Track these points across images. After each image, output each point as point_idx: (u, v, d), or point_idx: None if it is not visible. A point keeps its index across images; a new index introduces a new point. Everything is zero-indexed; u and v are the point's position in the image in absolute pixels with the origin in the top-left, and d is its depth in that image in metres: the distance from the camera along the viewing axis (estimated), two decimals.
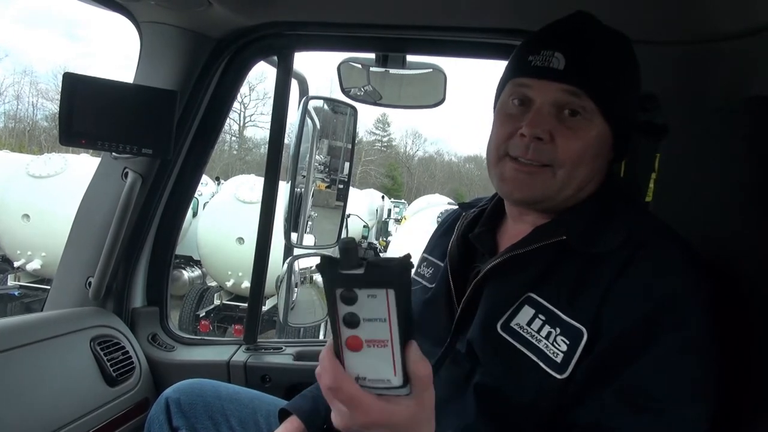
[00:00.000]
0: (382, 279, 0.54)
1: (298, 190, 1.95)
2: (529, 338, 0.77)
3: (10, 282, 6.65)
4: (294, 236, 1.80)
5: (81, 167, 6.44)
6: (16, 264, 6.53)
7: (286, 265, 1.79)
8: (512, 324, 0.79)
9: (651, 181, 1.21)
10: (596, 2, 1.14)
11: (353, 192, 13.49)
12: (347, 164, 2.16)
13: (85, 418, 1.19)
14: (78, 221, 1.47)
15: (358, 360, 0.58)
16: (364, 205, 14.17)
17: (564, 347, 0.74)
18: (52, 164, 6.52)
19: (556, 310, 0.76)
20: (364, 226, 13.24)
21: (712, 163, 0.90)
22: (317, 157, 2.17)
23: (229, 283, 6.61)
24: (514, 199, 0.86)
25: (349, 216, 8.87)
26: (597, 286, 0.74)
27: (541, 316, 0.77)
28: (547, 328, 0.76)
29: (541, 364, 0.75)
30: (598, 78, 0.80)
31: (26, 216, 6.28)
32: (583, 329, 0.73)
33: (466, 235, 0.97)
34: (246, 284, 6.34)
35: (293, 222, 1.78)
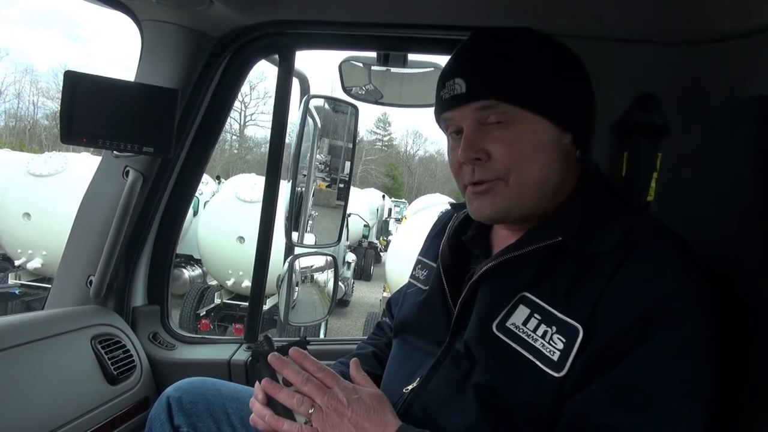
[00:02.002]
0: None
1: (299, 189, 1.95)
2: (525, 337, 0.77)
3: (11, 281, 6.66)
4: (295, 235, 1.80)
5: (82, 166, 6.44)
6: (16, 263, 6.54)
7: (286, 264, 1.79)
8: (508, 324, 0.80)
9: (652, 180, 1.22)
10: (597, 2, 1.14)
11: (354, 191, 13.51)
12: (348, 163, 2.16)
13: (86, 417, 1.19)
14: (79, 220, 1.47)
15: None
16: (364, 204, 14.17)
17: (560, 345, 0.74)
18: (53, 163, 6.53)
19: (551, 309, 0.77)
20: (365, 226, 13.25)
21: (713, 162, 0.90)
22: (318, 156, 2.17)
23: (229, 282, 6.62)
24: (485, 219, 0.88)
25: (349, 215, 8.88)
26: (593, 285, 0.74)
27: (536, 315, 0.78)
28: (543, 327, 0.76)
29: (538, 362, 0.75)
30: (498, 82, 0.82)
31: (27, 215, 6.28)
32: (579, 327, 0.73)
33: (457, 236, 0.98)
34: (246, 283, 6.34)
35: (294, 221, 1.78)
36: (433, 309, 0.93)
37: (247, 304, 1.69)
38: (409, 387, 0.87)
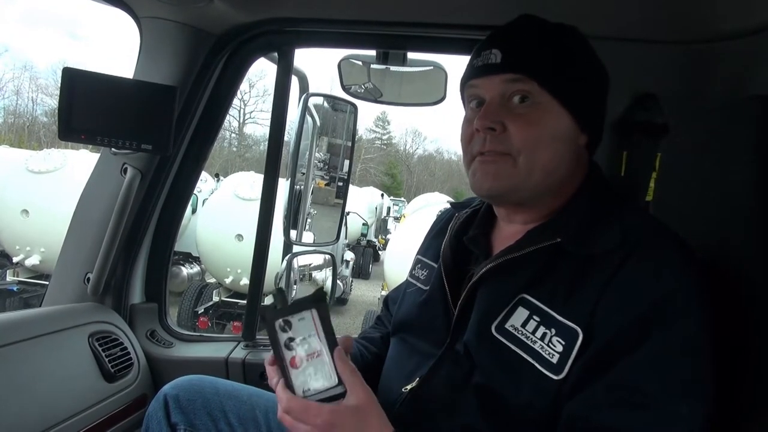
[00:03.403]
0: (306, 304, 0.76)
1: (298, 187, 1.95)
2: (524, 339, 0.77)
3: (9, 277, 6.65)
4: (293, 233, 1.80)
5: (80, 163, 6.44)
6: (14, 259, 6.53)
7: (285, 262, 1.79)
8: (507, 326, 0.80)
9: (651, 180, 1.22)
10: (597, 2, 1.14)
11: (353, 189, 13.50)
12: (347, 162, 2.16)
13: (83, 414, 1.19)
14: (77, 217, 1.46)
15: (301, 376, 0.76)
16: (363, 202, 14.16)
17: (560, 348, 0.74)
18: (51, 160, 6.51)
19: (550, 311, 0.77)
20: (364, 224, 13.25)
21: (712, 162, 0.90)
22: (317, 154, 2.17)
23: (227, 280, 6.61)
24: (484, 191, 0.87)
25: (348, 214, 8.87)
26: (592, 287, 0.74)
27: (535, 317, 0.78)
28: (542, 329, 0.76)
29: (537, 365, 0.75)
30: (535, 61, 0.83)
31: (25, 211, 6.27)
32: (579, 330, 0.73)
33: (459, 236, 0.97)
34: (244, 281, 6.34)
35: (292, 219, 1.78)
36: (434, 309, 0.93)
37: (245, 302, 1.68)
38: (409, 387, 0.87)
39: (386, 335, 1.16)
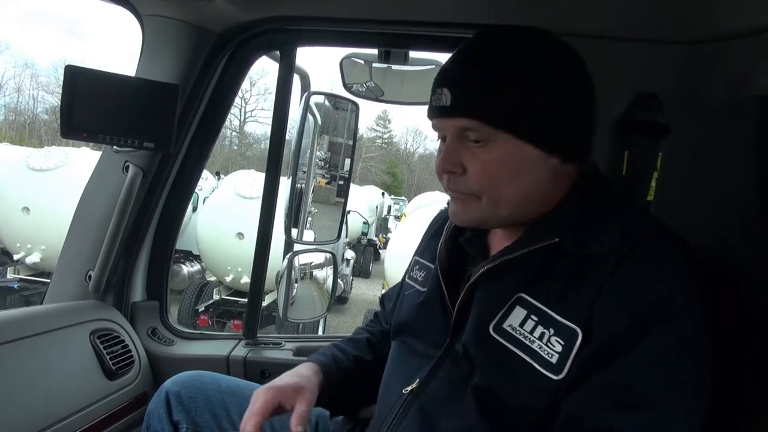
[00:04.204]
0: None
1: (299, 185, 1.95)
2: (522, 339, 0.77)
3: (10, 275, 6.65)
4: (294, 232, 1.80)
5: (81, 161, 6.44)
6: (15, 257, 6.53)
7: (286, 260, 1.80)
8: (504, 326, 0.80)
9: (653, 180, 1.22)
10: (598, 1, 1.14)
11: (354, 188, 13.50)
12: (348, 160, 2.17)
13: (84, 411, 1.19)
14: (78, 215, 1.46)
15: None
16: (364, 201, 14.15)
17: (559, 348, 0.74)
18: (53, 157, 6.52)
19: (548, 311, 0.76)
20: (364, 223, 13.25)
21: (713, 162, 0.90)
22: (318, 153, 2.17)
23: (228, 278, 6.61)
24: (459, 224, 0.90)
25: (349, 212, 8.88)
26: (591, 286, 0.74)
27: (533, 316, 0.77)
28: (540, 329, 0.76)
29: (535, 365, 0.75)
30: (481, 103, 0.78)
31: (26, 209, 6.27)
32: (578, 330, 0.73)
33: (454, 237, 0.97)
34: (245, 279, 6.34)
35: (293, 218, 1.78)
36: (432, 311, 0.93)
37: (245, 300, 1.68)
38: (409, 388, 0.87)
39: (378, 333, 1.16)
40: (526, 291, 0.80)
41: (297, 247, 1.86)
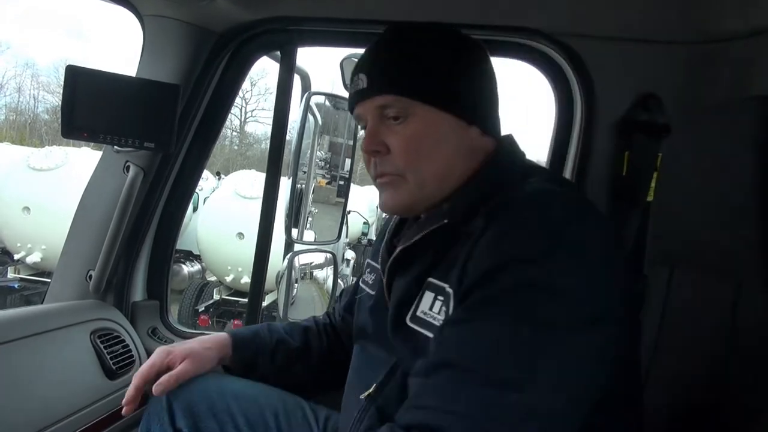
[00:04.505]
0: None
1: (299, 186, 1.95)
2: (432, 321, 0.77)
3: (10, 274, 6.66)
4: (294, 232, 1.80)
5: (81, 161, 6.44)
6: (16, 257, 6.54)
7: (286, 260, 1.80)
8: (418, 313, 0.80)
9: (653, 180, 1.22)
10: (598, 2, 1.14)
11: (354, 188, 13.48)
12: (348, 161, 2.17)
13: (85, 411, 1.19)
14: (79, 214, 1.47)
15: None
16: (364, 201, 14.13)
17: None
18: (53, 157, 6.52)
19: (447, 287, 0.76)
20: (365, 223, 13.23)
21: (713, 162, 0.90)
22: (318, 153, 2.18)
23: (228, 278, 6.62)
24: (389, 212, 0.91)
25: (349, 212, 8.87)
26: (465, 254, 0.73)
27: (439, 297, 0.77)
28: (444, 308, 0.76)
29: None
30: (395, 76, 0.82)
31: (26, 209, 6.28)
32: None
33: (392, 237, 0.98)
34: (245, 279, 6.35)
35: (294, 218, 1.78)
36: (380, 313, 0.92)
37: (246, 300, 1.68)
38: (366, 393, 0.86)
39: (321, 325, 1.21)
40: (432, 274, 0.80)
41: (297, 247, 1.86)
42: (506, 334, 0.65)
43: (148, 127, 1.27)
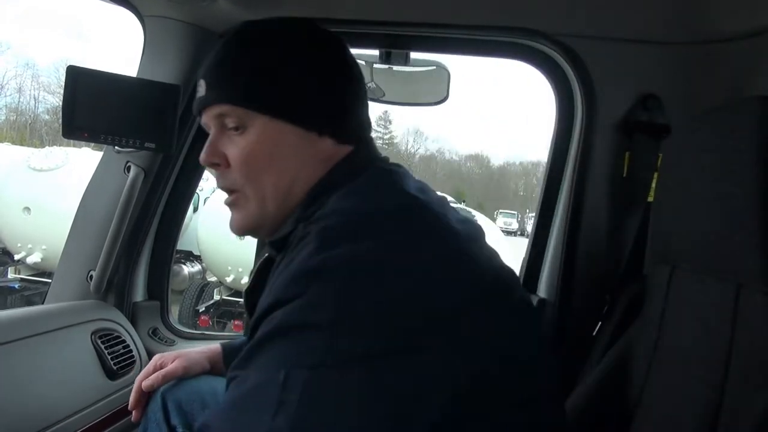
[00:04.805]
0: None
1: None
2: None
3: (11, 275, 6.66)
4: None
5: (82, 161, 6.45)
6: (16, 257, 6.55)
7: None
8: None
9: (653, 181, 1.22)
10: (599, 2, 1.14)
11: None
12: None
13: (86, 411, 1.19)
14: (80, 215, 1.47)
15: None
16: None
17: None
18: (53, 158, 6.54)
19: None
20: None
21: (714, 163, 0.90)
22: None
23: (229, 279, 6.62)
24: (237, 234, 0.83)
25: None
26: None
27: None
28: None
29: None
30: (231, 84, 0.76)
31: (27, 209, 6.29)
32: None
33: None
34: (245, 280, 6.33)
35: None
36: None
37: None
38: None
39: None
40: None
41: None
42: (264, 386, 0.55)
43: (148, 127, 1.27)
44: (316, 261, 0.58)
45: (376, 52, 1.43)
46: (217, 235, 6.58)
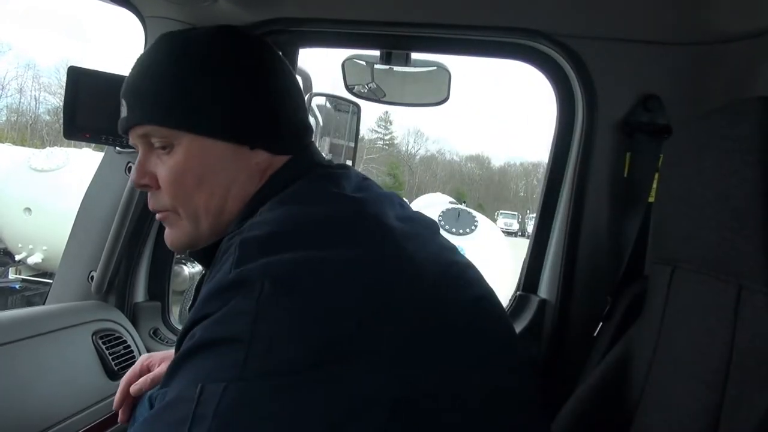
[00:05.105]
0: None
1: None
2: None
3: (11, 275, 6.66)
4: None
5: (83, 161, 6.45)
6: (17, 257, 6.54)
7: None
8: None
9: (654, 181, 1.22)
10: (599, 2, 1.14)
11: None
12: (349, 162, 2.16)
13: (86, 412, 1.19)
14: (81, 215, 1.47)
15: None
16: None
17: None
18: (54, 158, 6.53)
19: None
20: None
21: (714, 163, 0.90)
22: None
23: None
24: (175, 251, 0.83)
25: None
26: None
27: None
28: None
29: None
30: (149, 103, 0.73)
31: (28, 209, 6.28)
32: None
33: None
34: None
35: None
36: None
37: None
38: None
39: None
40: None
41: None
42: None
43: None
44: (234, 275, 0.56)
45: (376, 53, 1.43)
46: None
